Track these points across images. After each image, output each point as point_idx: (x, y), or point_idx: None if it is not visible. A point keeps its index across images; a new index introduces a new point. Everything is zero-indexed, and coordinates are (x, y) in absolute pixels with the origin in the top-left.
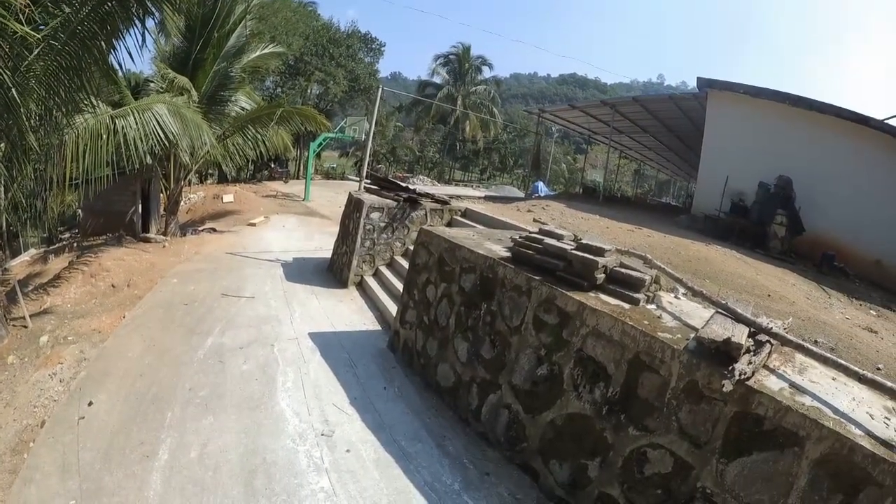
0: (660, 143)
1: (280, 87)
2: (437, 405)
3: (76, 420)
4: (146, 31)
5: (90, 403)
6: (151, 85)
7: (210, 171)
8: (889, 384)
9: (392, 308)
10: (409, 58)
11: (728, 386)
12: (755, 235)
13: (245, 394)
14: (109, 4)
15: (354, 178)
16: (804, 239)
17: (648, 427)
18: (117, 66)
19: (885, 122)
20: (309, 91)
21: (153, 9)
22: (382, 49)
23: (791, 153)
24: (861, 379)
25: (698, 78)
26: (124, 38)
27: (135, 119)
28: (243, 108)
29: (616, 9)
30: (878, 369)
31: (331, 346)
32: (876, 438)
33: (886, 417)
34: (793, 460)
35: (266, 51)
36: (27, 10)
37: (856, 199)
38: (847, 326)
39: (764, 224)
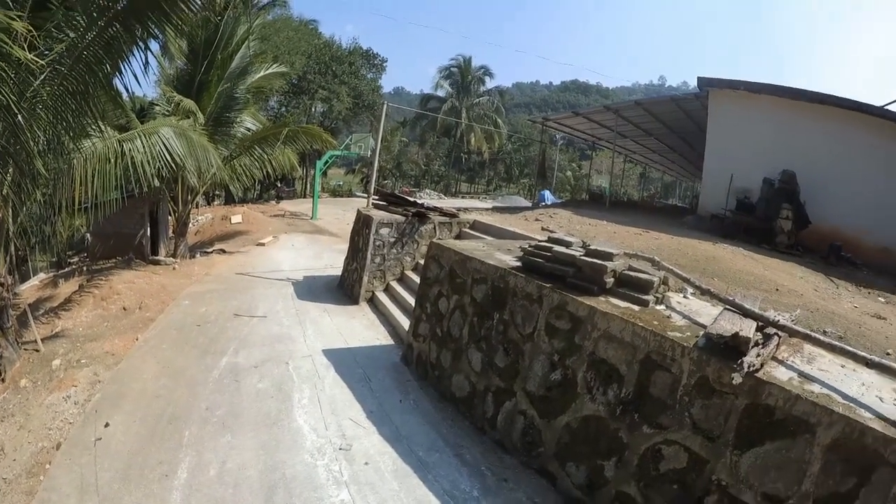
0: (664, 145)
1: (284, 107)
2: (453, 415)
3: (93, 441)
4: (150, 55)
5: (106, 425)
6: (157, 108)
7: (217, 193)
8: None
9: (404, 322)
10: (411, 72)
11: (738, 378)
12: (762, 231)
13: (262, 411)
14: (114, 28)
15: (361, 194)
16: (811, 232)
17: (662, 424)
18: (123, 90)
19: (885, 108)
20: (313, 109)
21: (156, 31)
22: (384, 65)
23: (794, 147)
24: (869, 364)
25: (699, 77)
26: (129, 61)
27: (141, 142)
28: (249, 129)
29: (614, 13)
30: (888, 354)
31: (345, 361)
32: (887, 420)
33: None
34: (805, 447)
35: (270, 71)
36: (29, 36)
37: (860, 188)
38: (856, 315)
39: (770, 220)
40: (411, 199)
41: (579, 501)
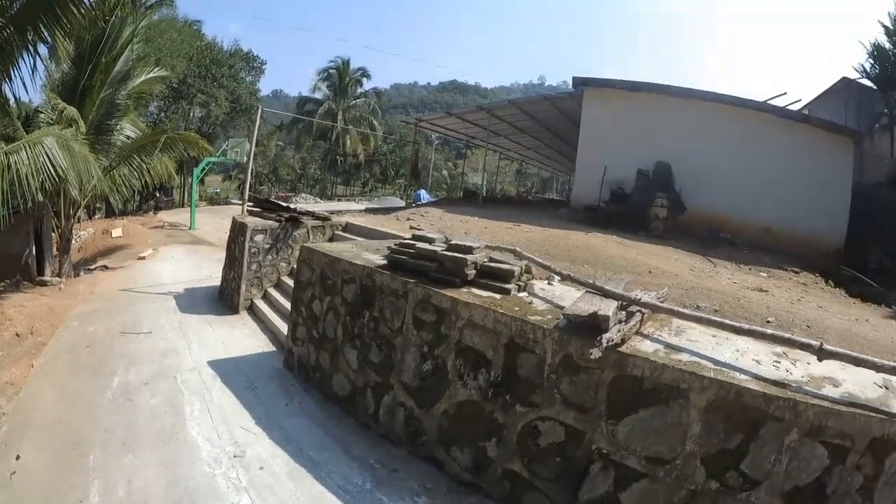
0: (539, 142)
1: (164, 112)
2: (338, 414)
3: (9, 476)
4: (38, 58)
5: (18, 457)
6: (41, 116)
7: (98, 206)
8: (769, 331)
9: (284, 328)
10: (292, 74)
11: (596, 353)
12: (636, 219)
13: (157, 427)
14: (7, 31)
15: (238, 201)
16: (691, 218)
17: (534, 402)
18: (11, 97)
19: (767, 102)
20: (191, 114)
21: (47, 35)
22: (264, 67)
23: (672, 140)
24: (738, 331)
25: (573, 77)
26: (18, 66)
27: (26, 154)
28: (128, 137)
29: (495, 14)
30: (768, 322)
31: (230, 372)
32: (766, 380)
33: (776, 361)
34: (680, 411)
35: (151, 75)
36: None
37: (740, 174)
38: (734, 290)
39: (645, 208)
40: (285, 204)
41: (469, 483)
